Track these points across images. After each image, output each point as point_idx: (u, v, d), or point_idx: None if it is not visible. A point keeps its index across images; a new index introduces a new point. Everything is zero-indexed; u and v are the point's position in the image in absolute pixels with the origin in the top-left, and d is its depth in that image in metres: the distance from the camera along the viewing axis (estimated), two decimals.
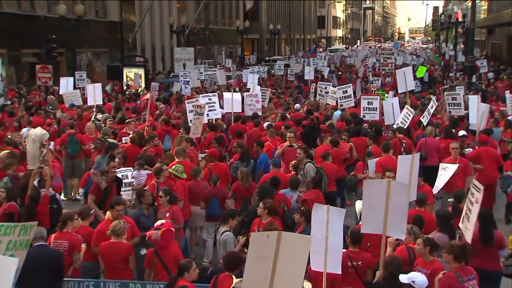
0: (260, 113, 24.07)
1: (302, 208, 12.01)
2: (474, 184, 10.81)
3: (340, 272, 9.69)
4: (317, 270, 9.46)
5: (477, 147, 17.83)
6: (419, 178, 13.11)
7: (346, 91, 25.11)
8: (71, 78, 32.07)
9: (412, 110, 21.52)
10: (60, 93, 30.44)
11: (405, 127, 19.89)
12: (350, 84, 25.20)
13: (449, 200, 13.17)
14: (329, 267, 9.36)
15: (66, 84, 30.57)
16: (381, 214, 9.84)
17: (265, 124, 21.19)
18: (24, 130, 18.99)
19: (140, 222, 12.50)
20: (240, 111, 24.42)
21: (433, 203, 13.71)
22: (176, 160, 15.79)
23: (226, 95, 25.39)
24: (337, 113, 25.10)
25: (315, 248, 9.15)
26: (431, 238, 10.14)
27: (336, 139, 18.14)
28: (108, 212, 12.26)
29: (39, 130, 16.14)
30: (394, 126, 20.64)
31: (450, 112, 23.46)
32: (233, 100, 24.15)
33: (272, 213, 12.02)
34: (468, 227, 10.58)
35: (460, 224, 11.05)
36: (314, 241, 9.13)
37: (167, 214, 12.45)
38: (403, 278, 8.25)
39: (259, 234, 8.66)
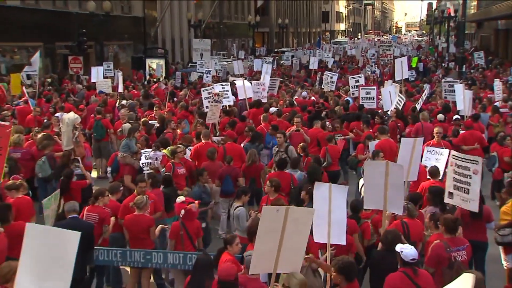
0: (265, 100, 23.91)
1: (309, 187, 12.01)
2: (469, 159, 10.93)
3: (344, 243, 9.60)
4: (320, 241, 9.40)
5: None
6: None
7: (370, 93, 23.75)
8: (101, 68, 32.09)
9: (403, 97, 21.93)
10: (92, 81, 30.53)
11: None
12: (375, 87, 24.27)
13: None
14: (333, 240, 9.29)
15: (96, 73, 30.62)
16: (381, 192, 9.90)
17: (272, 109, 21.20)
18: (58, 114, 18.97)
19: (202, 198, 12.64)
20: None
21: None
22: (203, 141, 15.92)
23: (239, 83, 25.19)
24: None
25: (317, 222, 9.14)
26: (436, 214, 10.17)
27: (324, 123, 18.30)
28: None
29: (72, 115, 16.20)
30: (389, 113, 20.77)
31: (446, 97, 23.41)
32: (245, 88, 24.12)
33: (278, 190, 12.08)
34: (469, 198, 10.66)
35: (448, 199, 11.15)
36: (317, 216, 9.05)
37: None
38: (397, 247, 8.30)
39: (270, 208, 8.57)
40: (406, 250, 8.17)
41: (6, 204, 10.87)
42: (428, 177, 12.81)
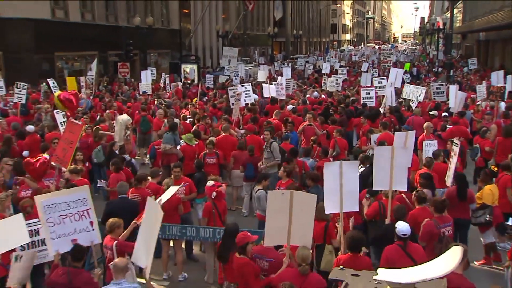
0: (283, 97, 24.07)
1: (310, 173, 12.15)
2: (454, 142, 11.29)
3: (358, 209, 9.66)
4: (332, 212, 9.27)
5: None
6: None
7: (369, 93, 23.20)
8: (149, 71, 32.26)
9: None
10: (142, 83, 30.68)
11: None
12: (373, 88, 23.68)
13: None
14: (346, 208, 9.10)
15: (145, 77, 30.88)
16: (387, 173, 9.77)
17: (289, 107, 21.10)
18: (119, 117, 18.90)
19: None
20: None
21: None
22: (223, 134, 15.96)
23: (265, 84, 26.31)
24: None
25: (329, 197, 9.05)
26: (421, 194, 10.09)
27: (334, 119, 18.50)
28: None
29: (125, 116, 16.63)
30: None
31: (435, 98, 23.21)
32: (269, 89, 24.73)
33: (289, 175, 11.97)
34: (449, 175, 10.98)
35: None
36: (327, 191, 9.07)
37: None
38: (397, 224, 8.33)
39: (276, 192, 8.60)
40: (400, 226, 8.22)
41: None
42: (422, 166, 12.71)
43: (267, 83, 27.29)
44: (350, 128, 19.65)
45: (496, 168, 11.80)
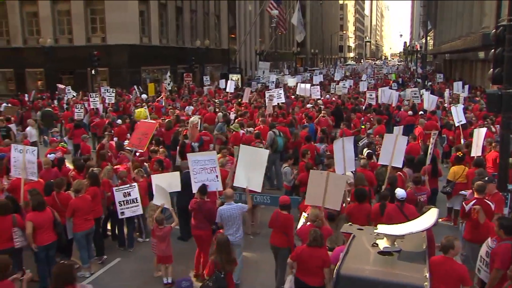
0: (318, 97, 24.65)
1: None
2: (433, 132, 11.50)
3: (354, 169, 10.27)
4: (341, 173, 9.38)
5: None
6: None
7: (372, 95, 22.86)
8: (222, 81, 32.35)
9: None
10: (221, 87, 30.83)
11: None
12: (374, 91, 23.52)
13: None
14: (348, 169, 9.75)
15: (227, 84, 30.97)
16: (390, 153, 10.23)
17: (308, 105, 20.94)
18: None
19: None
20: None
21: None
22: (261, 125, 15.60)
23: (302, 85, 27.26)
24: None
25: (338, 161, 9.62)
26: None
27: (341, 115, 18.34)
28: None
29: (194, 118, 16.20)
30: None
31: (413, 100, 22.82)
32: (305, 89, 25.73)
33: (304, 156, 11.61)
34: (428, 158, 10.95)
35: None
36: (337, 159, 9.65)
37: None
38: (396, 191, 8.32)
39: (317, 172, 8.38)
40: (399, 191, 8.20)
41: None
42: None
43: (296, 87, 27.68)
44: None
45: (461, 153, 11.53)
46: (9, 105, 24.61)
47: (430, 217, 5.06)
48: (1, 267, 5.80)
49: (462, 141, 14.25)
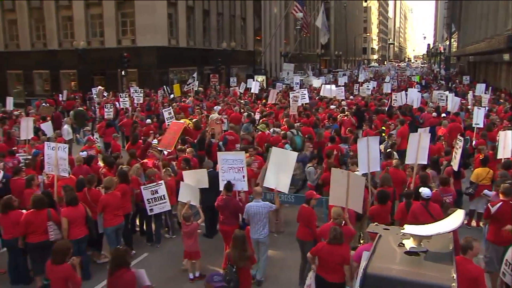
0: (343, 97, 24.55)
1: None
2: (459, 138, 10.87)
3: (379, 169, 10.16)
4: (364, 172, 9.33)
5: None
6: None
7: (396, 97, 22.11)
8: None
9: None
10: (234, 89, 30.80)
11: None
12: (402, 92, 23.16)
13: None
14: (372, 168, 9.54)
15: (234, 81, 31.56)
16: (415, 152, 10.06)
17: (332, 106, 20.75)
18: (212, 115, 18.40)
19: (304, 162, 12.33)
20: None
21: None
22: (286, 125, 15.59)
23: (327, 86, 27.21)
24: None
25: (362, 161, 9.48)
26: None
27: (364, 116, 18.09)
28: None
29: (215, 115, 16.31)
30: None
31: (438, 103, 22.32)
32: (331, 90, 25.62)
33: (329, 157, 11.55)
34: (455, 162, 10.54)
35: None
36: (361, 159, 9.50)
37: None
38: (421, 189, 8.15)
39: (338, 170, 8.28)
40: (424, 190, 8.05)
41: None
42: None
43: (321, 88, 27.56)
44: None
45: (482, 156, 11.26)
46: (47, 104, 25.25)
47: (456, 218, 4.93)
48: (64, 251, 6.24)
49: (473, 143, 14.01)
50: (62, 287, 6.15)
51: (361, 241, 9.04)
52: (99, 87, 29.30)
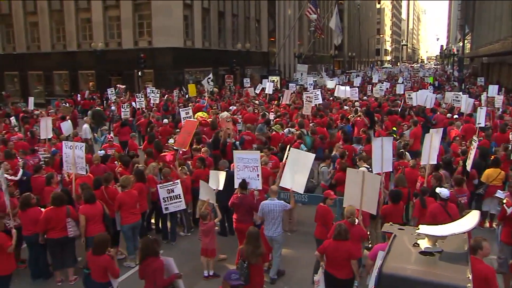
0: (357, 98, 24.50)
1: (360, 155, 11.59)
2: (474, 139, 10.94)
3: (391, 169, 10.13)
4: (378, 171, 9.21)
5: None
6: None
7: (411, 97, 22.20)
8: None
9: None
10: (255, 90, 30.96)
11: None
12: (415, 92, 22.98)
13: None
14: (385, 168, 9.51)
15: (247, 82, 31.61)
16: (428, 149, 10.16)
17: (345, 107, 20.61)
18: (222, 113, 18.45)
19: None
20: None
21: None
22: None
23: (341, 87, 27.11)
24: None
25: (376, 159, 9.43)
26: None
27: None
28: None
29: (225, 114, 16.20)
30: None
31: (453, 104, 22.03)
32: (345, 91, 25.52)
33: (343, 157, 11.41)
34: (468, 162, 10.46)
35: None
36: (375, 158, 9.45)
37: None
38: (437, 189, 8.04)
39: (354, 170, 8.23)
40: (443, 191, 7.97)
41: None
42: None
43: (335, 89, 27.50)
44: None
45: (494, 157, 11.09)
46: (67, 104, 25.57)
47: (472, 219, 4.85)
48: (104, 242, 6.52)
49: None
50: (102, 276, 6.47)
51: (369, 243, 8.98)
52: (120, 85, 29.55)
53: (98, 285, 6.52)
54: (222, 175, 9.58)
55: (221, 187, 9.42)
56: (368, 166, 10.04)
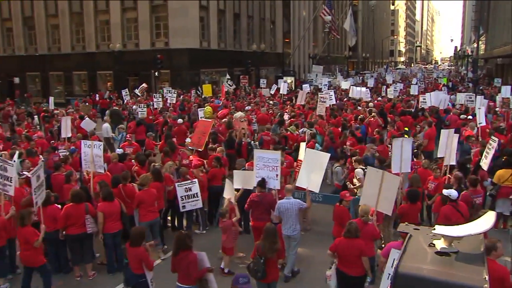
0: (370, 99, 24.57)
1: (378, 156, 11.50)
2: (492, 138, 10.85)
3: (409, 170, 9.96)
4: (397, 172, 9.22)
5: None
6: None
7: (425, 99, 21.83)
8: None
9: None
10: (270, 91, 30.88)
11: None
12: (429, 94, 22.58)
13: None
14: (404, 169, 9.54)
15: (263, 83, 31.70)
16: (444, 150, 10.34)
17: (359, 108, 20.48)
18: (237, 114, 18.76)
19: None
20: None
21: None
22: (316, 125, 15.54)
23: (356, 88, 27.16)
24: None
25: (395, 159, 9.48)
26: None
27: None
28: None
29: (239, 114, 16.23)
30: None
31: (467, 104, 21.72)
32: (361, 92, 25.91)
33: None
34: (485, 162, 10.43)
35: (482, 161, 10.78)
36: (395, 157, 9.50)
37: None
38: (445, 191, 7.96)
39: (374, 170, 8.17)
40: (452, 192, 7.97)
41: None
42: None
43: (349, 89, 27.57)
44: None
45: (505, 158, 10.93)
46: (86, 104, 25.95)
47: (488, 220, 4.76)
48: (140, 235, 6.69)
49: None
50: (138, 267, 6.63)
51: (382, 242, 8.91)
52: (144, 85, 29.71)
53: (134, 275, 6.68)
54: (251, 175, 9.45)
55: (251, 186, 9.29)
56: (364, 167, 9.95)
